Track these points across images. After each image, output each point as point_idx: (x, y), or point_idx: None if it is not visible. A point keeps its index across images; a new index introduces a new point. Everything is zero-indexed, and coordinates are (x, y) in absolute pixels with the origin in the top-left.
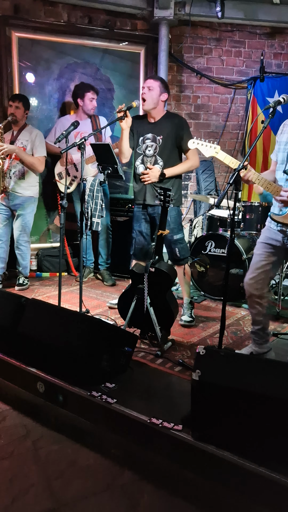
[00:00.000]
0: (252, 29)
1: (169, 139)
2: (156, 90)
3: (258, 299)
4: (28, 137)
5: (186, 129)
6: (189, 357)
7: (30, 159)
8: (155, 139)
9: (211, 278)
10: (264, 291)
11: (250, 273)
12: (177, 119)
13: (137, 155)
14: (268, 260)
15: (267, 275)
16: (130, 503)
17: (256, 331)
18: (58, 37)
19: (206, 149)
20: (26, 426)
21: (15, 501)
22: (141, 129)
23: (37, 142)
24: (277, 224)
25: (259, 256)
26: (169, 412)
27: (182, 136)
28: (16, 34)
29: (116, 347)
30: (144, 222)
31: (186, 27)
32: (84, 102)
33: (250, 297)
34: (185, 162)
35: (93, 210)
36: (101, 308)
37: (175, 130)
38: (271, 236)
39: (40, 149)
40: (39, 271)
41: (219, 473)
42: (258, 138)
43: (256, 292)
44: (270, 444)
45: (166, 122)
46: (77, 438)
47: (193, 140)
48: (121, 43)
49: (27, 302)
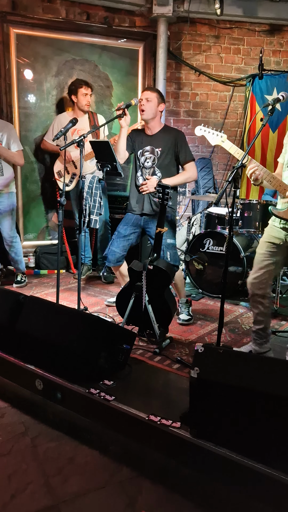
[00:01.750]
0: (251, 26)
1: (167, 152)
2: (154, 101)
3: (261, 298)
4: (0, 132)
5: (184, 142)
6: (187, 354)
7: (11, 154)
8: (153, 151)
9: (209, 276)
10: (267, 290)
11: (254, 273)
12: (175, 132)
13: (136, 167)
14: (271, 260)
15: (271, 275)
16: (128, 500)
17: (257, 331)
18: (56, 34)
19: (213, 137)
20: (24, 423)
21: (14, 498)
22: (140, 142)
23: (12, 136)
24: (280, 221)
25: (262, 255)
26: (167, 409)
27: (180, 149)
28: (14, 30)
29: (115, 344)
30: (132, 227)
31: (185, 24)
32: (77, 98)
33: (253, 296)
34: (182, 173)
35: (91, 208)
36: (100, 305)
37: (173, 143)
38: (274, 234)
39: (18, 143)
40: (37, 268)
41: (217, 470)
42: (257, 136)
43: (259, 292)
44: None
45: (164, 135)
46: (75, 435)
47: (200, 127)
48: (119, 40)
49: (26, 300)
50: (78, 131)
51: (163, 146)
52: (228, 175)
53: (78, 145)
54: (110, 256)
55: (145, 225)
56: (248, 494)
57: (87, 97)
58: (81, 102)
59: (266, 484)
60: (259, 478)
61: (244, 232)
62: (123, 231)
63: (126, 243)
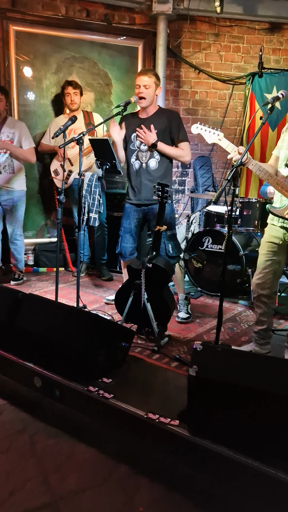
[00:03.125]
0: (251, 24)
1: (163, 133)
2: (152, 87)
3: (266, 299)
4: (12, 129)
5: (178, 122)
6: (185, 352)
7: (22, 152)
8: None
9: (208, 274)
10: (273, 290)
11: (258, 274)
12: (169, 113)
13: (130, 152)
14: (274, 259)
15: (275, 275)
16: (126, 497)
17: (259, 331)
18: (56, 31)
19: (209, 135)
20: (23, 421)
21: (12, 495)
22: (134, 126)
23: (24, 134)
24: (279, 220)
25: (264, 256)
26: (165, 407)
27: (174, 129)
28: (13, 27)
29: (113, 342)
30: (135, 220)
31: (185, 22)
32: (64, 98)
33: (258, 297)
34: (177, 148)
35: (90, 205)
36: (98, 303)
37: (168, 124)
38: (273, 234)
39: (29, 140)
40: (36, 266)
41: (215, 468)
42: (256, 134)
43: (264, 292)
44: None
45: (159, 117)
46: (73, 432)
47: (196, 125)
48: (119, 38)
49: (24, 297)
50: (75, 131)
51: (159, 128)
52: (228, 174)
53: (77, 143)
54: (123, 252)
55: (145, 216)
56: (246, 492)
57: (71, 96)
58: (67, 101)
59: (263, 482)
60: (257, 476)
61: (243, 231)
62: (128, 225)
63: (135, 235)
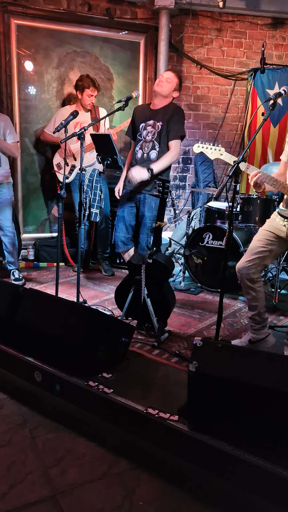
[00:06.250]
0: (253, 19)
1: (166, 126)
2: (173, 84)
3: (250, 283)
4: None
5: (177, 118)
6: (185, 348)
7: (7, 145)
8: (155, 125)
9: (208, 270)
10: (256, 276)
11: (245, 257)
12: (174, 108)
13: (137, 142)
14: (267, 248)
15: (262, 261)
16: (125, 492)
17: (253, 317)
18: (58, 25)
19: (211, 151)
20: (23, 415)
21: (12, 488)
22: (143, 116)
23: (8, 127)
24: (284, 219)
25: (258, 242)
26: (165, 402)
27: (171, 124)
28: (15, 21)
29: (113, 337)
30: (128, 208)
31: (187, 17)
32: (82, 97)
33: (242, 281)
34: (166, 155)
35: (91, 201)
36: (98, 298)
37: (169, 118)
38: (275, 226)
39: (13, 135)
40: (36, 261)
41: (214, 464)
42: (258, 130)
43: (247, 276)
44: (265, 435)
45: (166, 110)
46: (73, 427)
47: (198, 144)
48: (121, 32)
49: (25, 292)
50: (81, 125)
51: (163, 120)
52: (229, 170)
53: (78, 138)
54: (116, 241)
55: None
56: (245, 487)
57: (91, 98)
58: (84, 101)
59: (263, 478)
60: (256, 471)
61: (244, 227)
62: (121, 213)
63: (128, 224)
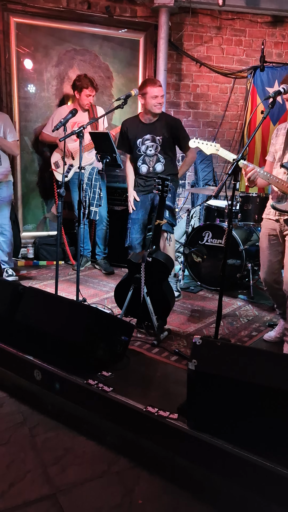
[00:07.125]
0: (253, 17)
1: (167, 139)
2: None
3: (277, 284)
4: None
5: (182, 130)
6: (185, 346)
7: (8, 144)
8: (154, 139)
9: (208, 269)
10: (280, 278)
11: (264, 268)
12: (171, 120)
13: (137, 156)
14: (275, 250)
15: (280, 264)
16: (125, 490)
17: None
18: (57, 23)
19: (207, 147)
20: (23, 413)
21: (12, 486)
22: (137, 132)
23: (8, 126)
24: (275, 213)
25: (266, 249)
26: (165, 401)
27: (180, 137)
28: (14, 19)
29: (113, 336)
30: (142, 210)
31: (187, 15)
32: (80, 96)
33: (269, 288)
34: (184, 163)
35: (91, 199)
36: (98, 297)
37: (172, 131)
38: (270, 226)
39: (13, 133)
40: (36, 259)
41: (214, 462)
42: (258, 128)
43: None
44: (265, 433)
45: (163, 123)
46: (73, 425)
47: (194, 140)
48: (120, 30)
49: (24, 290)
50: (78, 124)
51: (163, 133)
52: (228, 168)
53: (77, 136)
54: (132, 244)
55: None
56: (245, 486)
57: (89, 98)
58: (82, 101)
59: (262, 476)
60: (255, 470)
61: (243, 225)
62: (135, 216)
63: (143, 225)
